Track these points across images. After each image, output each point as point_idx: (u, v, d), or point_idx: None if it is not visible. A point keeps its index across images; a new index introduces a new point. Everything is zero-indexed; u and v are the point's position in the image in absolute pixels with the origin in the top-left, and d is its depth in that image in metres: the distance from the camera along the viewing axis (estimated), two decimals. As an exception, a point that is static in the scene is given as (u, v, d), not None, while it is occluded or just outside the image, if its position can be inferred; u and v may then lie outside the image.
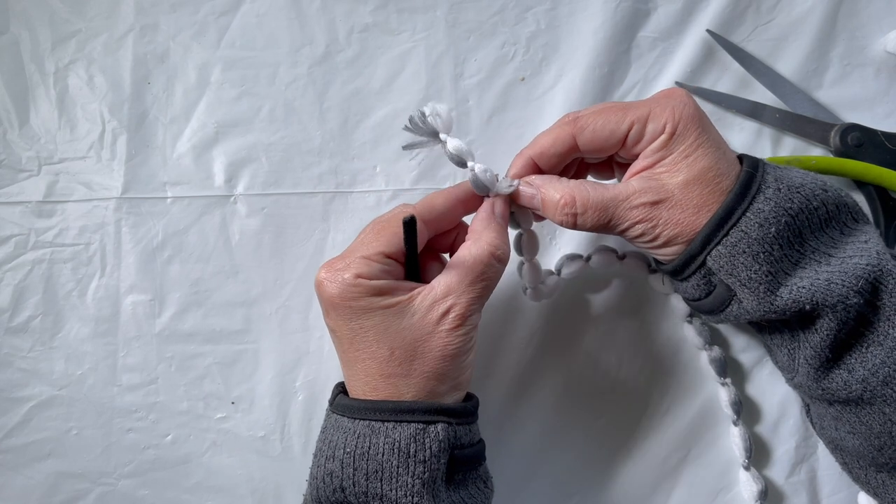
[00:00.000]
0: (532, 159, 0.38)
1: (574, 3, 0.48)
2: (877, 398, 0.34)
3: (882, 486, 0.38)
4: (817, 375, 0.36)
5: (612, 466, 0.44)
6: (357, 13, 0.48)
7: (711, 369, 0.44)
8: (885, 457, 0.35)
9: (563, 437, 0.45)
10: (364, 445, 0.33)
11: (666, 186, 0.34)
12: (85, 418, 0.45)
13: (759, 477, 0.43)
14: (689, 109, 0.35)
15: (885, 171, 0.43)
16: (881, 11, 0.47)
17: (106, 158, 0.47)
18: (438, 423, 0.33)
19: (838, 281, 0.33)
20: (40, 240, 0.47)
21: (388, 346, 0.34)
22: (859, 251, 0.34)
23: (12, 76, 0.48)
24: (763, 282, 0.33)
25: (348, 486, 0.33)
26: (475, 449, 0.36)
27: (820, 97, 0.47)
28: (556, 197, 0.36)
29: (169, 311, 0.46)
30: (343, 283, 0.34)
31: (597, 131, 0.36)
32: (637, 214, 0.35)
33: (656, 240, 0.35)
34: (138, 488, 0.45)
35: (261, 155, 0.47)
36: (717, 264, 0.34)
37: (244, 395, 0.45)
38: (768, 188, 0.34)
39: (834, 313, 0.33)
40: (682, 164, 0.34)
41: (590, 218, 0.35)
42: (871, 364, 0.33)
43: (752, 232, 0.33)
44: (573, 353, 0.45)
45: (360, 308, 0.34)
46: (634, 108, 0.35)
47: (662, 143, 0.35)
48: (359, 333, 0.34)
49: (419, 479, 0.32)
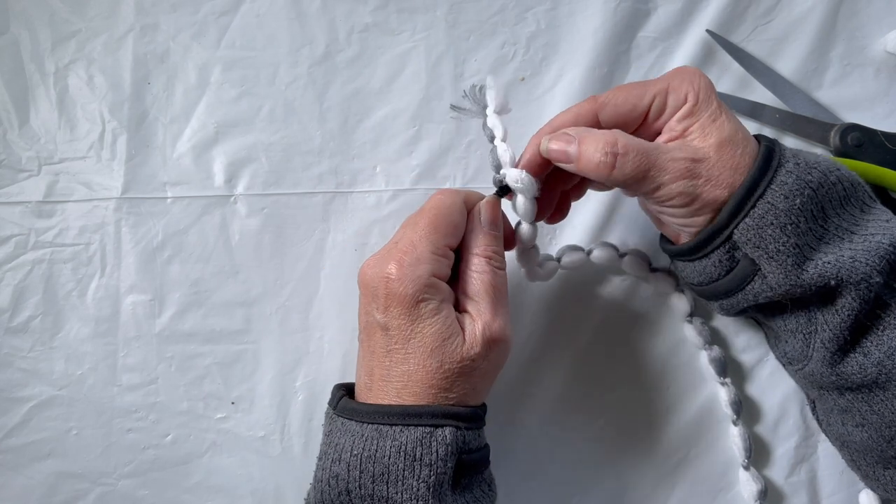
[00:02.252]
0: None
1: (574, 3, 0.48)
2: (891, 382, 0.34)
3: (891, 483, 0.38)
4: (833, 360, 0.36)
5: (612, 466, 0.44)
6: (357, 13, 0.48)
7: (711, 369, 0.44)
8: (894, 449, 0.35)
9: (562, 436, 0.45)
10: (371, 448, 0.32)
11: (700, 149, 0.34)
12: (85, 418, 0.45)
13: (758, 477, 0.43)
14: (705, 80, 0.35)
15: (885, 171, 0.43)
16: (881, 11, 0.47)
17: (106, 158, 0.47)
18: (446, 427, 0.33)
19: (862, 259, 0.33)
20: (40, 240, 0.47)
21: (438, 359, 0.34)
22: (881, 229, 0.34)
23: (12, 76, 0.48)
24: (791, 254, 0.33)
25: (354, 489, 0.32)
26: (482, 453, 0.36)
27: (820, 97, 0.47)
28: (598, 138, 0.34)
29: (169, 311, 0.46)
30: (418, 280, 0.33)
31: (619, 106, 0.36)
32: (679, 167, 0.34)
33: (693, 202, 0.34)
34: (138, 488, 0.45)
35: (261, 155, 0.47)
36: (745, 237, 0.34)
37: (244, 395, 0.45)
38: (788, 162, 0.34)
39: (857, 291, 0.33)
40: (712, 128, 0.34)
41: (630, 162, 0.34)
42: (886, 347, 0.34)
43: (779, 203, 0.33)
44: (573, 353, 0.45)
45: (430, 311, 0.34)
46: (653, 84, 0.36)
47: (688, 110, 0.35)
48: (416, 337, 0.34)
49: (424, 483, 0.32)
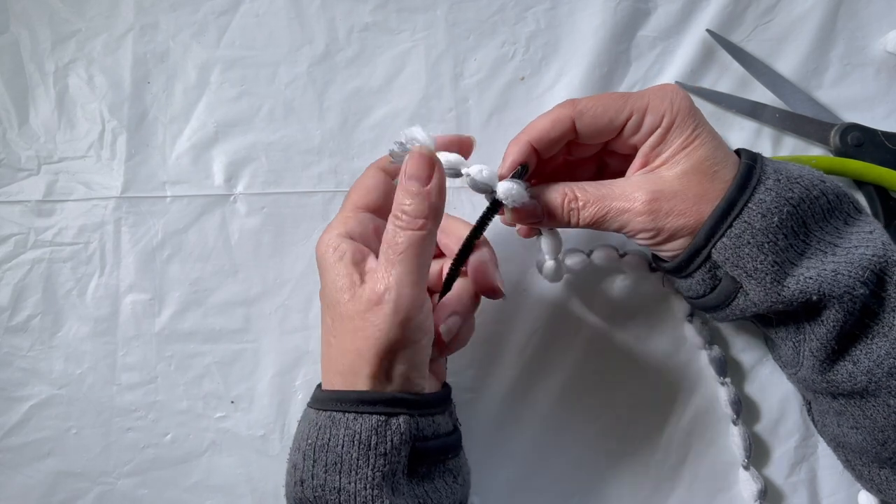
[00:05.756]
0: (530, 144, 0.37)
1: (574, 3, 0.48)
2: (882, 390, 0.34)
3: (885, 483, 0.38)
4: (822, 368, 0.36)
5: (612, 466, 0.44)
6: (357, 12, 0.48)
7: (711, 369, 0.44)
8: (888, 451, 0.35)
9: (562, 436, 0.45)
10: (325, 437, 0.32)
11: (664, 178, 0.35)
12: (84, 417, 0.45)
13: (758, 476, 0.43)
14: (685, 102, 0.35)
15: (886, 171, 0.43)
16: (881, 11, 0.47)
17: (105, 158, 0.47)
18: (401, 416, 0.32)
19: (845, 272, 0.32)
20: (40, 239, 0.47)
21: (329, 313, 0.34)
22: (865, 241, 0.34)
23: (12, 76, 0.48)
24: (769, 272, 0.33)
25: (307, 479, 0.32)
26: (441, 442, 0.35)
27: (820, 97, 0.47)
28: (558, 196, 0.36)
29: (168, 310, 0.46)
30: (327, 240, 0.34)
31: (597, 117, 0.36)
32: (636, 206, 0.34)
33: (659, 234, 0.35)
34: (138, 487, 0.45)
35: (260, 154, 0.47)
36: (723, 256, 0.34)
37: (244, 394, 0.45)
38: (768, 179, 0.34)
39: (840, 304, 0.33)
40: (680, 156, 0.35)
41: (588, 213, 0.35)
42: (876, 355, 0.33)
43: (756, 222, 0.33)
44: (573, 353, 0.45)
45: (332, 261, 0.34)
46: (634, 98, 0.35)
47: (659, 136, 0.35)
48: (321, 291, 0.35)
49: (379, 472, 0.31)
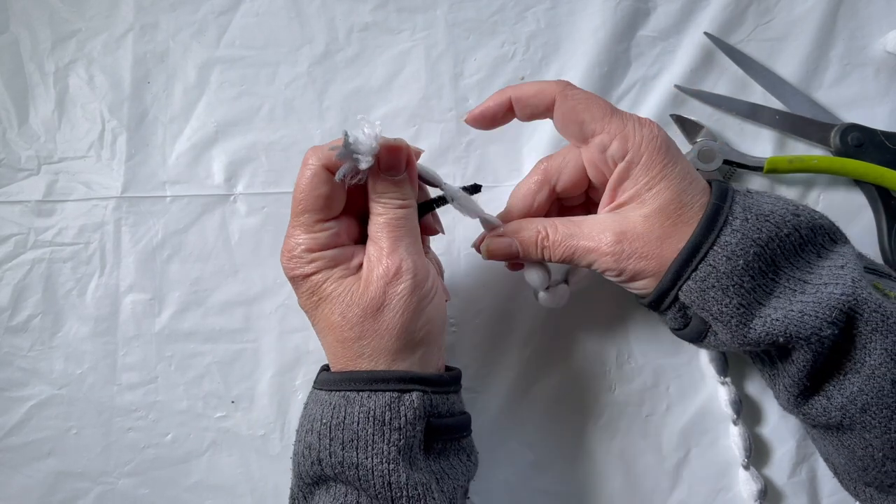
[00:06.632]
0: (510, 99, 0.37)
1: (574, 3, 0.48)
2: (856, 424, 0.33)
3: (871, 500, 0.37)
4: (797, 402, 0.36)
5: (612, 466, 0.44)
6: (357, 12, 0.48)
7: (711, 368, 0.44)
8: (869, 476, 0.35)
9: (562, 436, 0.45)
10: (339, 416, 0.33)
11: (629, 219, 0.35)
12: (84, 417, 0.45)
13: (758, 476, 0.43)
14: (655, 143, 0.35)
15: (886, 171, 0.43)
16: (881, 11, 0.47)
17: (105, 158, 0.47)
18: (413, 392, 0.33)
19: (812, 312, 0.32)
20: (40, 239, 0.47)
21: (339, 314, 0.34)
22: (835, 278, 0.33)
23: (12, 76, 0.48)
24: (735, 315, 0.33)
25: (325, 458, 0.33)
26: (456, 420, 0.36)
27: (819, 98, 0.47)
28: (532, 234, 0.37)
29: (168, 310, 0.46)
30: (296, 263, 0.35)
31: (578, 110, 0.36)
32: (601, 247, 0.35)
33: (622, 274, 0.35)
34: (138, 487, 0.45)
35: (260, 154, 0.47)
36: (689, 299, 0.34)
37: (244, 393, 0.45)
38: (735, 219, 0.34)
39: (808, 345, 0.32)
40: (647, 196, 0.35)
41: (558, 251, 0.36)
42: (849, 392, 0.33)
43: (721, 265, 0.33)
44: (572, 353, 0.45)
45: (315, 283, 0.35)
46: (615, 119, 0.35)
47: (623, 170, 0.35)
48: (317, 309, 0.35)
49: (395, 447, 0.32)
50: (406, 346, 0.34)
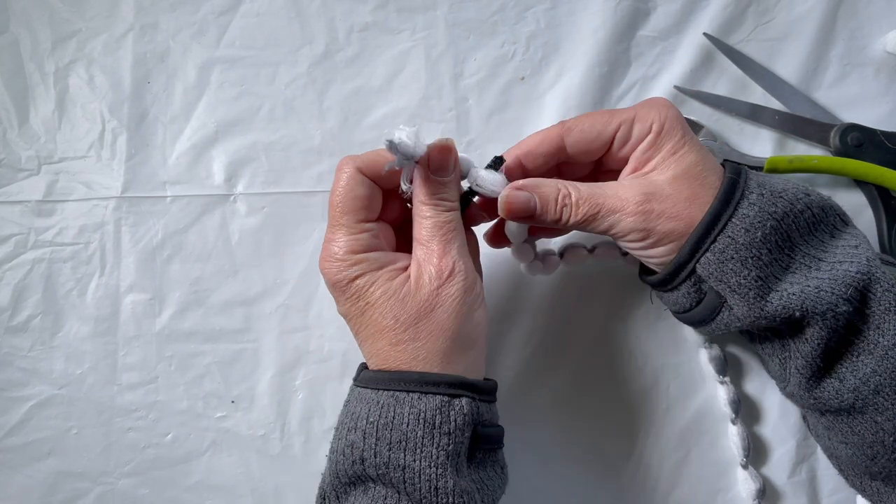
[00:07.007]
0: (519, 158, 0.38)
1: (574, 3, 0.48)
2: (868, 407, 0.33)
3: (877, 494, 0.37)
4: (808, 385, 0.36)
5: (612, 466, 0.44)
6: (357, 12, 0.48)
7: (711, 367, 0.44)
8: (878, 466, 0.35)
9: (562, 436, 0.45)
10: (388, 415, 0.32)
11: (656, 182, 0.35)
12: (85, 417, 0.45)
13: (757, 476, 0.43)
14: (672, 111, 0.36)
15: (886, 171, 0.43)
16: (881, 11, 0.47)
17: (106, 158, 0.47)
18: (463, 397, 0.33)
19: (828, 288, 0.32)
20: (40, 239, 0.47)
21: (392, 316, 0.34)
22: (849, 256, 0.33)
23: (12, 76, 0.48)
24: (753, 287, 0.33)
25: (369, 458, 0.32)
26: (497, 430, 0.36)
27: (819, 98, 0.47)
28: (552, 191, 0.36)
29: (169, 310, 0.46)
30: (340, 266, 0.34)
31: (585, 132, 0.36)
32: (628, 205, 0.34)
33: (649, 236, 0.35)
34: (138, 487, 0.45)
35: (260, 154, 0.47)
36: (707, 271, 0.34)
37: (244, 393, 0.45)
38: (752, 193, 0.34)
39: (824, 321, 0.33)
40: (671, 160, 0.35)
41: (581, 210, 0.35)
42: (861, 373, 0.33)
43: (739, 237, 0.33)
44: (572, 352, 0.45)
45: (364, 285, 0.34)
46: (621, 112, 0.36)
47: (650, 142, 0.35)
48: (365, 313, 0.35)
49: (444, 451, 0.32)
50: (458, 348, 0.34)
